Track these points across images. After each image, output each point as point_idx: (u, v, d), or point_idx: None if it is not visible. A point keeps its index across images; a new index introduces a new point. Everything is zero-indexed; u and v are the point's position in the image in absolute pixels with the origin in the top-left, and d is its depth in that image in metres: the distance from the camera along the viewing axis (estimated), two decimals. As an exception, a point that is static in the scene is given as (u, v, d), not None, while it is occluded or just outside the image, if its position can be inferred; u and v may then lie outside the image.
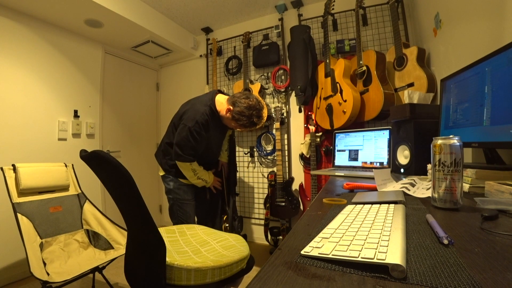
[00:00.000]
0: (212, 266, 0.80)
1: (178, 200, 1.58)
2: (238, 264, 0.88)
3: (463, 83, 0.94)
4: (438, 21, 1.48)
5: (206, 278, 0.79)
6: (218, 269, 0.82)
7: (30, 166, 1.54)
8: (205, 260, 0.86)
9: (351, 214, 0.53)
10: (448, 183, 0.56)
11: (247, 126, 1.50)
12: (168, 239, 1.05)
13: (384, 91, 1.69)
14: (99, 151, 0.72)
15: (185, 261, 0.81)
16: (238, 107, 1.45)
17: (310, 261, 0.35)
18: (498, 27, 0.95)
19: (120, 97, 2.74)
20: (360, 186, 0.87)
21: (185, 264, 0.78)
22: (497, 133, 0.75)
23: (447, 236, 0.38)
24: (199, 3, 2.33)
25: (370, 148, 1.51)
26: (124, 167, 0.70)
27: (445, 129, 1.04)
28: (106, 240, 1.59)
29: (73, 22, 2.12)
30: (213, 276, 0.80)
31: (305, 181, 2.28)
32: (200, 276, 0.79)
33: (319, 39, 2.24)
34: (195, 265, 0.79)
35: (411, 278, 0.29)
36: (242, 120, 1.46)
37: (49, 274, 1.20)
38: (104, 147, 2.53)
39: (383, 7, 2.03)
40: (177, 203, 1.58)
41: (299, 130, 2.38)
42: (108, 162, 0.70)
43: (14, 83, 1.88)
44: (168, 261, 0.78)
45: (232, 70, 2.61)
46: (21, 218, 1.36)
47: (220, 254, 0.93)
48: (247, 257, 0.93)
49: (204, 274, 0.79)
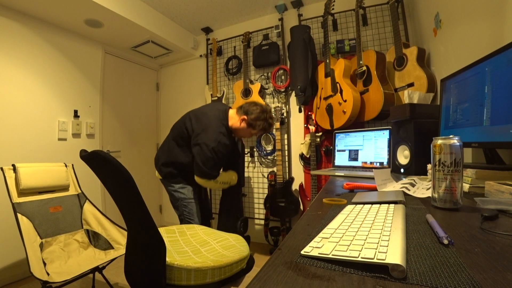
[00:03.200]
0: (212, 266, 0.80)
1: (183, 200, 1.59)
2: (238, 264, 0.88)
3: (463, 83, 0.94)
4: (438, 21, 1.48)
5: (206, 278, 0.79)
6: (218, 269, 0.82)
7: (30, 166, 1.54)
8: (205, 260, 0.86)
9: (351, 214, 0.53)
10: (448, 183, 0.56)
11: (266, 128, 1.61)
12: (168, 239, 1.05)
13: (384, 91, 1.69)
14: (99, 151, 0.72)
15: (185, 261, 0.81)
16: (252, 114, 1.55)
17: (310, 261, 0.35)
18: (498, 27, 0.95)
19: (120, 97, 2.74)
20: (360, 186, 0.87)
21: (185, 264, 0.78)
22: (497, 133, 0.75)
23: (447, 236, 0.38)
24: (199, 3, 2.33)
25: (370, 148, 1.51)
26: (124, 167, 0.70)
27: (445, 129, 1.04)
28: (106, 240, 1.59)
29: (73, 22, 2.12)
30: (213, 276, 0.80)
31: (305, 181, 2.28)
32: (200, 276, 0.79)
33: (319, 39, 2.24)
34: (195, 265, 0.79)
35: (411, 278, 0.29)
36: (260, 125, 1.56)
37: (49, 274, 1.20)
38: (104, 147, 2.53)
39: (383, 7, 2.02)
40: (183, 203, 1.59)
41: (299, 130, 2.38)
42: (108, 162, 0.70)
43: (14, 83, 1.88)
44: (168, 261, 0.78)
45: (232, 70, 2.61)
46: (21, 218, 1.36)
47: (220, 254, 0.93)
48: (247, 257, 0.93)
49: (204, 274, 0.79)
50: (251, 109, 1.56)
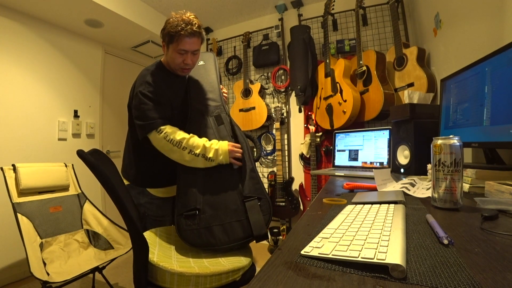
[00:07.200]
0: (196, 273, 0.76)
1: (150, 216, 1.17)
2: (229, 275, 0.81)
3: (463, 83, 0.94)
4: (438, 21, 1.48)
5: (189, 284, 0.75)
6: (203, 277, 0.76)
7: (30, 166, 1.54)
8: (200, 264, 0.82)
9: (351, 214, 0.53)
10: (448, 183, 0.56)
11: (175, 34, 1.05)
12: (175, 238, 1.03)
13: (384, 91, 1.69)
14: (80, 151, 0.71)
15: (170, 264, 0.78)
16: (163, 29, 1.12)
17: (310, 261, 0.35)
18: (498, 27, 0.95)
19: (120, 97, 2.74)
20: (360, 186, 0.87)
21: (169, 267, 0.75)
22: (497, 133, 0.75)
23: (447, 236, 0.38)
24: (199, 3, 2.33)
25: (370, 148, 1.51)
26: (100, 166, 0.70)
27: (445, 129, 1.04)
28: (106, 240, 1.59)
29: (73, 22, 2.12)
30: (197, 284, 0.76)
31: (305, 181, 2.28)
32: (183, 282, 0.75)
33: (319, 39, 2.24)
34: (179, 270, 0.75)
35: (411, 278, 0.29)
36: (165, 29, 1.09)
37: (49, 274, 1.20)
38: (104, 147, 2.53)
39: (383, 7, 2.02)
40: (149, 220, 1.17)
41: (299, 130, 2.37)
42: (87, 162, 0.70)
43: (14, 83, 1.88)
44: (155, 261, 0.76)
45: (232, 70, 2.61)
46: (21, 218, 1.36)
47: (216, 261, 0.87)
48: (243, 268, 0.85)
49: (187, 280, 0.75)
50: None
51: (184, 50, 1.08)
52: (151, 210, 1.17)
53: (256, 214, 1.01)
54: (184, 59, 1.10)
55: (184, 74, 1.20)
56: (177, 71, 1.16)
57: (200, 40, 1.12)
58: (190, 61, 1.11)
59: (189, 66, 1.13)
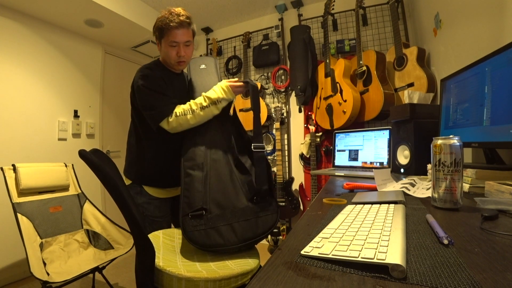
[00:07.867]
0: (205, 278, 0.73)
1: (148, 217, 1.18)
2: (238, 278, 0.78)
3: (463, 83, 0.94)
4: (438, 21, 1.48)
5: None
6: (212, 281, 0.73)
7: (30, 166, 1.54)
8: (207, 268, 0.80)
9: (351, 214, 0.53)
10: (448, 183, 0.56)
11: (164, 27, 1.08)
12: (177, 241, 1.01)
13: (384, 91, 1.69)
14: (83, 151, 0.69)
15: (177, 268, 0.76)
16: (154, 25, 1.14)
17: (310, 261, 0.35)
18: (498, 27, 0.95)
19: (120, 97, 2.74)
20: (360, 186, 0.87)
21: (176, 272, 0.73)
22: (497, 133, 0.75)
23: (447, 236, 0.38)
24: (199, 3, 2.33)
25: (370, 148, 1.51)
26: (103, 167, 0.68)
27: (445, 129, 1.04)
28: (106, 240, 1.59)
29: (73, 22, 2.12)
30: None
31: (305, 181, 2.28)
32: (191, 287, 0.73)
33: (319, 39, 2.24)
34: (187, 274, 0.72)
35: (411, 278, 0.29)
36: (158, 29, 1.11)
37: (49, 274, 1.20)
38: (104, 147, 2.53)
39: (383, 7, 2.02)
40: (148, 220, 1.18)
41: (299, 130, 2.37)
42: (90, 162, 0.68)
43: (14, 83, 1.88)
44: (161, 266, 0.74)
45: (232, 70, 2.61)
46: (21, 218, 1.36)
47: (223, 265, 0.85)
48: (252, 271, 0.82)
49: (195, 286, 0.72)
50: None
51: (175, 42, 1.09)
52: (149, 211, 1.17)
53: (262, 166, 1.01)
54: (177, 51, 1.11)
55: (181, 68, 1.22)
56: (174, 66, 1.17)
57: (191, 32, 1.13)
58: (184, 53, 1.11)
59: (183, 59, 1.13)
